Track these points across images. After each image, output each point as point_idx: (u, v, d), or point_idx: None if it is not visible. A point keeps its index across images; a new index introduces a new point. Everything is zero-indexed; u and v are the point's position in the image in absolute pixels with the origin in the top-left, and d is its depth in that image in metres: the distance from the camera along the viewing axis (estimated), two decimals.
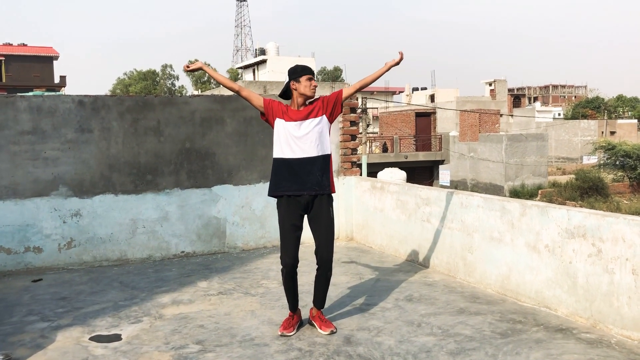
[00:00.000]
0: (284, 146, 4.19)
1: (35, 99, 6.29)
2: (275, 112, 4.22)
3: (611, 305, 4.10)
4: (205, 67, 4.36)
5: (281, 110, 4.21)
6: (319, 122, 4.21)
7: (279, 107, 4.22)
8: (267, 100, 4.27)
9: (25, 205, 6.21)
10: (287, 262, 4.13)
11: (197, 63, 4.37)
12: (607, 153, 38.78)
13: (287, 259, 4.13)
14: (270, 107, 4.24)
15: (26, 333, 4.36)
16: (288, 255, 4.13)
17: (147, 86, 75.55)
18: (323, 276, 4.21)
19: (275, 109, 4.22)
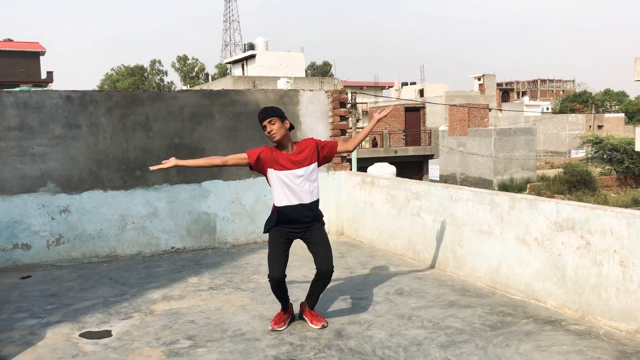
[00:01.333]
0: (281, 194, 4.18)
1: (22, 94, 6.23)
2: (265, 162, 4.16)
3: (599, 297, 4.14)
4: (179, 162, 4.19)
5: (272, 159, 4.13)
6: (311, 170, 4.21)
7: (269, 157, 4.14)
8: (251, 153, 4.16)
9: (13, 201, 6.15)
10: (274, 276, 4.10)
11: (170, 161, 4.19)
12: (594, 147, 39.11)
13: (275, 274, 4.10)
14: (258, 160, 4.15)
15: (15, 330, 4.33)
16: (276, 270, 4.10)
17: (135, 82, 75.05)
18: (322, 284, 4.21)
19: (264, 160, 4.15)
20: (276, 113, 4.11)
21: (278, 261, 4.13)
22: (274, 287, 4.13)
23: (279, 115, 4.11)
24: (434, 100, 46.59)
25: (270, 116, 4.09)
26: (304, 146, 4.21)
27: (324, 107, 7.59)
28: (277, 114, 4.10)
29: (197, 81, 73.81)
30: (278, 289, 4.15)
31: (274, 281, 4.09)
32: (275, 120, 4.09)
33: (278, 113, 4.12)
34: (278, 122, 4.10)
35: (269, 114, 4.10)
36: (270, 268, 4.12)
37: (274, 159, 4.12)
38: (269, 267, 4.14)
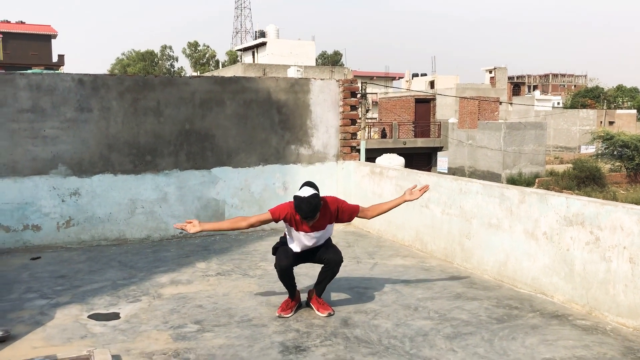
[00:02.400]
0: (295, 244, 4.22)
1: (35, 76, 6.25)
2: (286, 221, 4.15)
3: (607, 292, 4.13)
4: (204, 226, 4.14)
5: (294, 221, 4.11)
6: (328, 230, 4.23)
7: (291, 218, 4.11)
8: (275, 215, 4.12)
9: (24, 183, 6.20)
10: (281, 265, 4.14)
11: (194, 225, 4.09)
12: (605, 143, 38.79)
13: (282, 262, 4.14)
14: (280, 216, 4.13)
15: (25, 310, 4.39)
16: (283, 260, 4.14)
17: (145, 67, 75.12)
18: (330, 271, 4.25)
19: (286, 220, 4.14)
20: (316, 214, 4.00)
21: (287, 255, 4.19)
22: (281, 272, 4.16)
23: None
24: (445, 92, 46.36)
25: (314, 218, 4.01)
26: (325, 212, 4.13)
27: (334, 97, 7.57)
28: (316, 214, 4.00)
29: (207, 68, 73.77)
30: (285, 276, 4.18)
31: (280, 267, 4.13)
32: (316, 217, 4.04)
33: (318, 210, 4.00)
34: (316, 217, 4.05)
35: (314, 217, 3.99)
36: (277, 259, 4.18)
37: (297, 221, 4.11)
38: (276, 259, 4.20)
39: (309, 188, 4.02)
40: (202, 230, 4.10)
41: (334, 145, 7.60)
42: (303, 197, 3.95)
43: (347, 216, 4.27)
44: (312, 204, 3.93)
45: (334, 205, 4.20)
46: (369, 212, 4.38)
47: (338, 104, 7.60)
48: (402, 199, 4.39)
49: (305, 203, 3.93)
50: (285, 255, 4.19)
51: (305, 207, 3.92)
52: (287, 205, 4.13)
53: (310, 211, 3.94)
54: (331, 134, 7.58)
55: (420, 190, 4.37)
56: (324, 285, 4.32)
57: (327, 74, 38.67)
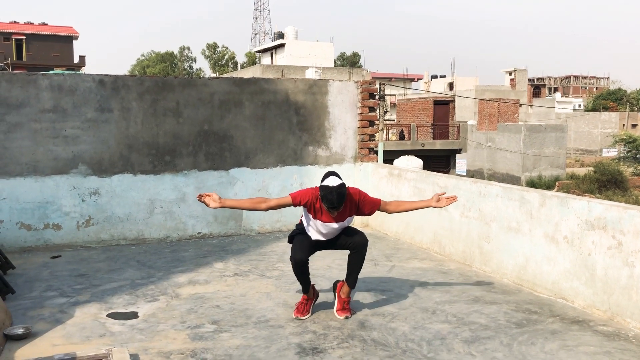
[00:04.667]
0: (313, 231, 4.20)
1: (57, 77, 6.33)
2: (306, 206, 4.11)
3: (630, 298, 4.06)
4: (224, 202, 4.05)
5: (314, 208, 4.08)
6: (348, 222, 4.19)
7: (312, 204, 4.07)
8: (296, 199, 4.08)
9: (45, 182, 6.28)
10: (295, 257, 4.11)
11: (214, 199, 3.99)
12: (627, 146, 38.20)
13: (297, 255, 4.11)
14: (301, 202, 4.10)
15: (45, 308, 4.44)
16: (298, 253, 4.11)
17: (165, 68, 75.78)
18: (358, 255, 4.20)
19: (306, 205, 4.10)
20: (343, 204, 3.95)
21: (302, 246, 4.15)
22: (296, 267, 4.11)
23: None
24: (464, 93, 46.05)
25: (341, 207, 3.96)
26: (348, 205, 4.10)
27: (353, 98, 7.56)
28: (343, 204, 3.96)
29: (226, 69, 74.20)
30: (300, 269, 4.13)
31: (295, 260, 4.09)
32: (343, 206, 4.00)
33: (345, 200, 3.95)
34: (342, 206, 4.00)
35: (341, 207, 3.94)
36: (293, 251, 4.15)
37: (317, 209, 4.08)
38: (292, 251, 4.17)
39: (335, 177, 3.96)
40: (221, 206, 4.02)
41: (351, 146, 7.58)
42: (332, 187, 3.89)
43: (369, 209, 4.21)
44: (341, 194, 3.89)
45: (357, 197, 4.14)
46: (390, 206, 4.31)
47: (356, 105, 7.58)
48: (428, 203, 4.28)
49: (334, 193, 3.87)
50: (301, 247, 4.14)
51: (333, 197, 3.87)
52: (309, 191, 4.08)
53: (337, 201, 3.89)
54: (349, 136, 7.56)
55: (448, 200, 4.24)
56: (355, 275, 4.24)
57: (346, 76, 38.64)
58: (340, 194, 3.88)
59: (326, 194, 3.89)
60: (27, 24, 58.54)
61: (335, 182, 3.91)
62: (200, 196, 4.01)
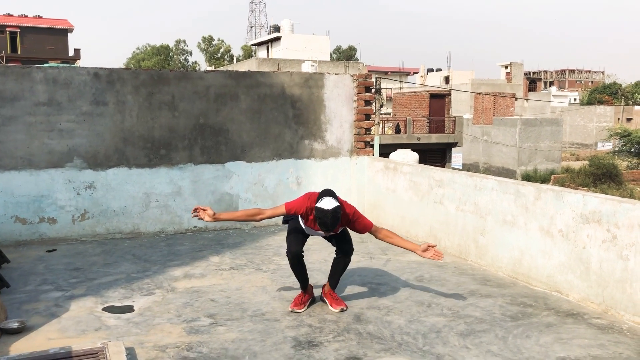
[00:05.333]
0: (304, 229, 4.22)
1: (51, 70, 6.30)
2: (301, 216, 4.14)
3: (624, 291, 4.08)
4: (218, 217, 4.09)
5: (307, 218, 4.10)
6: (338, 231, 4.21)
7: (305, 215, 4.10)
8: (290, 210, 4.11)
9: (40, 176, 6.26)
10: (291, 251, 4.16)
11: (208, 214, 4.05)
12: (622, 140, 38.32)
13: (292, 248, 4.16)
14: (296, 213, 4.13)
15: (40, 302, 4.43)
16: (293, 246, 4.17)
17: (160, 61, 75.48)
18: (342, 261, 4.27)
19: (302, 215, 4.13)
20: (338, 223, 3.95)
21: (297, 239, 4.20)
22: (292, 260, 4.16)
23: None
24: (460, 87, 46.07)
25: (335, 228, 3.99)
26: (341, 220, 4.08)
27: (349, 92, 7.54)
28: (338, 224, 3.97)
29: (222, 62, 73.97)
30: (297, 264, 4.18)
31: (292, 254, 4.13)
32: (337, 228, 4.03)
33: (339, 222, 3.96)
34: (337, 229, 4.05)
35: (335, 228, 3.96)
36: (288, 244, 4.19)
37: (310, 220, 4.10)
38: (287, 244, 4.20)
39: (331, 199, 3.93)
40: (216, 220, 4.07)
41: (347, 140, 7.58)
42: (326, 211, 3.87)
43: (361, 228, 4.22)
44: (335, 218, 3.88)
45: (351, 215, 4.14)
46: (380, 234, 4.26)
47: (352, 99, 7.57)
48: (416, 248, 4.21)
49: (328, 216, 3.86)
50: (295, 240, 4.19)
51: (327, 220, 3.87)
52: (304, 201, 4.09)
53: (331, 225, 3.90)
54: (345, 129, 7.55)
55: (435, 255, 4.15)
56: (337, 278, 4.32)
57: (342, 69, 38.58)
58: (335, 218, 3.87)
59: (322, 216, 3.88)
60: (22, 16, 58.17)
61: (330, 205, 3.88)
62: (195, 210, 4.09)
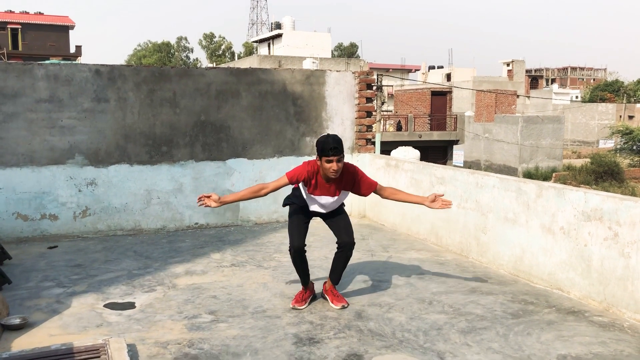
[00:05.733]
0: (307, 200, 4.21)
1: (53, 67, 6.30)
2: (304, 182, 4.12)
3: (625, 289, 4.08)
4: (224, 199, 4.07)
5: (311, 184, 4.09)
6: (341, 196, 4.20)
7: (308, 180, 4.09)
8: (292, 178, 4.08)
9: (42, 172, 6.26)
10: (294, 245, 4.16)
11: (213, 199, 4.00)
12: (624, 138, 38.28)
13: (295, 243, 4.16)
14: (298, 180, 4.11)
15: (42, 298, 4.44)
16: (296, 239, 4.17)
17: (161, 58, 75.46)
18: (343, 256, 4.24)
19: (304, 181, 4.11)
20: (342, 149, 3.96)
21: (299, 231, 4.19)
22: (294, 256, 4.16)
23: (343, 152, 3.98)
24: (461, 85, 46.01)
25: (341, 152, 3.94)
26: (344, 178, 4.10)
27: (350, 89, 7.54)
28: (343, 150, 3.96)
29: (223, 59, 73.91)
30: (299, 259, 4.18)
31: (294, 249, 4.14)
32: (342, 157, 3.98)
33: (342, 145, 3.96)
34: (342, 160, 3.99)
35: (341, 150, 3.93)
36: (290, 237, 4.19)
37: (314, 184, 4.09)
38: (289, 237, 4.21)
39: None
40: (222, 204, 4.03)
41: (349, 137, 7.57)
42: (326, 135, 4.02)
43: (366, 188, 4.19)
44: (336, 138, 3.94)
45: (353, 170, 4.15)
46: (386, 192, 4.26)
47: (354, 96, 7.57)
48: (423, 200, 4.21)
49: (329, 137, 3.94)
50: (298, 230, 4.18)
51: (329, 140, 3.91)
52: (304, 168, 4.10)
53: (335, 142, 3.90)
54: (346, 126, 7.55)
55: (444, 203, 4.15)
56: (338, 273, 4.30)
57: (343, 66, 38.54)
58: (336, 138, 3.94)
59: (325, 138, 3.95)
60: (23, 13, 58.14)
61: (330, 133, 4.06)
62: (199, 199, 4.01)
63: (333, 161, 3.94)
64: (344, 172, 4.09)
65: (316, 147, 4.01)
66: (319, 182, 4.09)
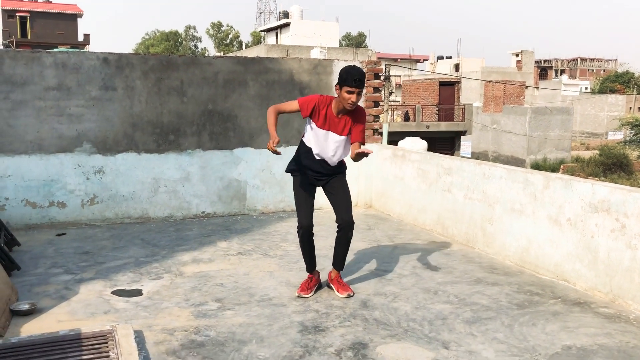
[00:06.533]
0: (313, 141, 4.16)
1: (61, 55, 6.31)
2: (312, 113, 4.08)
3: (632, 281, 4.07)
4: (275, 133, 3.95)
5: (318, 112, 4.06)
6: (347, 141, 4.17)
7: (317, 110, 4.05)
8: (304, 107, 4.04)
9: (50, 160, 6.30)
10: (303, 224, 4.19)
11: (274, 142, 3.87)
12: (633, 129, 37.97)
13: (303, 221, 4.19)
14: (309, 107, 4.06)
15: (50, 284, 4.48)
16: (304, 217, 4.19)
17: (169, 47, 75.43)
18: (344, 237, 4.24)
19: (314, 110, 4.06)
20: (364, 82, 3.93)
21: (306, 208, 4.20)
22: (303, 236, 4.20)
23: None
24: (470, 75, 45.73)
25: (363, 86, 3.91)
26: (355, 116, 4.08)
27: None
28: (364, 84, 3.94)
29: (230, 48, 73.81)
30: (307, 241, 4.22)
31: (303, 229, 4.17)
32: (362, 92, 3.96)
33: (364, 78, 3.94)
34: (361, 95, 3.98)
35: (364, 83, 3.90)
36: (299, 216, 4.21)
37: (323, 115, 4.06)
38: (297, 215, 4.23)
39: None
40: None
41: None
42: (353, 65, 3.97)
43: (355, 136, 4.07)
44: (362, 71, 3.90)
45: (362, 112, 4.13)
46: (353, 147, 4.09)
47: None
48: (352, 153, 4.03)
49: (356, 68, 3.90)
50: (306, 206, 4.19)
51: (356, 71, 3.87)
52: (315, 95, 4.10)
53: (360, 74, 3.87)
54: None
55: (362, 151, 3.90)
56: (341, 258, 4.32)
57: (351, 56, 38.38)
58: (360, 71, 3.90)
59: (348, 70, 3.90)
60: (31, 1, 58.24)
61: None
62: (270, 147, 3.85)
63: (354, 93, 3.91)
64: (356, 110, 4.07)
65: (339, 76, 3.94)
66: (329, 115, 4.05)
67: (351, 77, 3.87)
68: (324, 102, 4.07)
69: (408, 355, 3.36)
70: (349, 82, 3.88)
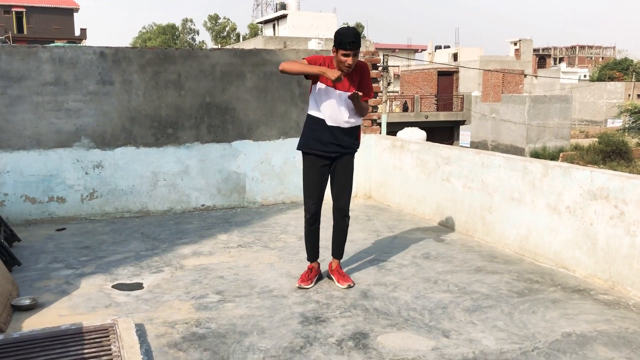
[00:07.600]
0: (323, 108, 4.09)
1: (58, 49, 6.29)
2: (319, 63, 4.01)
3: (631, 267, 4.08)
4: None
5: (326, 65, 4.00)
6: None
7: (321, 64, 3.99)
8: (309, 59, 4.02)
9: (49, 155, 6.29)
10: (311, 209, 4.19)
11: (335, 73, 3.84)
12: (632, 117, 37.93)
13: (311, 205, 4.18)
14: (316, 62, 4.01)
15: (51, 279, 4.49)
16: (313, 200, 4.17)
17: (166, 40, 75.16)
18: (341, 224, 4.28)
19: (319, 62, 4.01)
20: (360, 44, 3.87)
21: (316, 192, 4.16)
22: (309, 222, 4.22)
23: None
24: (468, 64, 45.63)
25: (358, 47, 3.85)
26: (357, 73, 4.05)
27: None
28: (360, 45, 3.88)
29: (228, 41, 73.53)
30: (312, 229, 4.24)
31: (310, 214, 4.18)
32: (358, 53, 3.91)
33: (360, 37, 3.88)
34: (358, 55, 3.92)
35: (359, 45, 3.84)
36: (306, 202, 4.19)
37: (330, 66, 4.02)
38: (304, 200, 4.21)
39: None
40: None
41: None
42: (348, 26, 3.95)
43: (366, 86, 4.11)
44: (357, 32, 3.87)
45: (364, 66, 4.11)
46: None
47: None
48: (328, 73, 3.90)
49: (351, 29, 3.87)
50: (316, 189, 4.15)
51: (350, 32, 3.84)
52: (321, 56, 4.06)
53: (355, 36, 3.84)
54: None
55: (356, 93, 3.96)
56: (340, 246, 4.35)
57: None
58: (355, 32, 3.87)
59: (342, 32, 3.86)
60: None
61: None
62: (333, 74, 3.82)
63: (349, 55, 3.88)
64: (356, 68, 4.04)
65: (334, 38, 3.91)
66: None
67: (345, 40, 3.82)
68: (328, 61, 4.02)
69: (409, 344, 3.38)
70: (343, 44, 3.84)
